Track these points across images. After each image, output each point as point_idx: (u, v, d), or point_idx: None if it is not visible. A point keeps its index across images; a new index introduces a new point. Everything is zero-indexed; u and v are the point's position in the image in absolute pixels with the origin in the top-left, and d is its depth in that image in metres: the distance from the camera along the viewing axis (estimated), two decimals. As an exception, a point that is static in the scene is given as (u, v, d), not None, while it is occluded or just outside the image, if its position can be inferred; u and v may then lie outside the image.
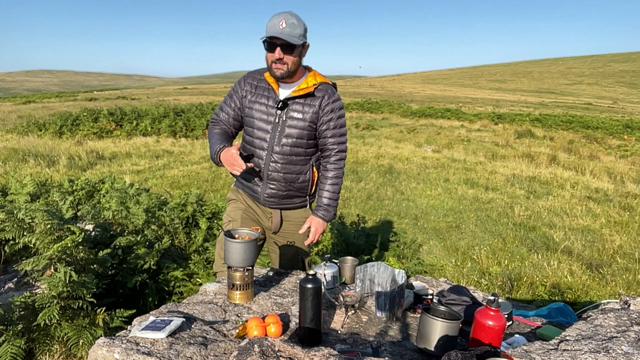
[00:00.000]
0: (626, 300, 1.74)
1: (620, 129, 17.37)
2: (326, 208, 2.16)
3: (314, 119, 2.06)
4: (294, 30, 1.90)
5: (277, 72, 1.98)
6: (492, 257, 4.59)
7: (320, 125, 2.09)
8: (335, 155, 2.15)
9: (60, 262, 2.42)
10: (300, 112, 2.05)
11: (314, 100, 2.05)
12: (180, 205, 3.94)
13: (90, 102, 26.19)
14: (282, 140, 2.05)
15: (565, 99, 53.30)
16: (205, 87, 64.38)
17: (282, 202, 2.18)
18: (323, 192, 2.17)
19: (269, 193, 2.13)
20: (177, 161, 9.30)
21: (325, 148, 2.15)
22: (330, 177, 2.16)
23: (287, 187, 2.13)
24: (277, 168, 2.08)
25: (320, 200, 2.17)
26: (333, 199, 2.17)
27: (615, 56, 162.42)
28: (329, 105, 2.07)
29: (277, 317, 1.58)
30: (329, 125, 2.09)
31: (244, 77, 2.15)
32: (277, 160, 2.07)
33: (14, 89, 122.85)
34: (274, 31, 1.88)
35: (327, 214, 2.16)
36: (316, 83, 2.05)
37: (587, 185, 8.09)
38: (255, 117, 2.08)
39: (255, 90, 2.10)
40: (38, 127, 13.07)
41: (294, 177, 2.12)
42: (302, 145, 2.09)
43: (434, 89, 65.23)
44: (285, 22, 1.88)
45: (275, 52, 1.93)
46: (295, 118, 2.04)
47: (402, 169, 9.02)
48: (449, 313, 1.55)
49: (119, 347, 1.35)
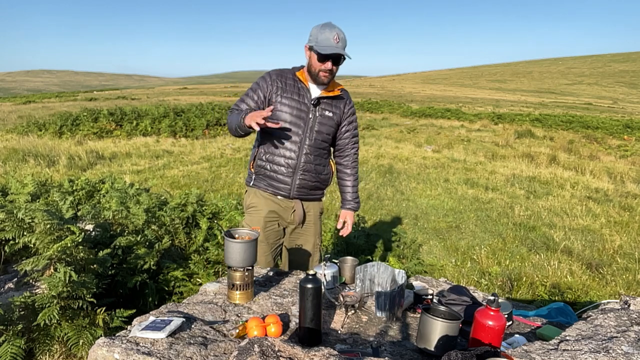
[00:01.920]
0: (626, 300, 1.74)
1: (620, 129, 17.37)
2: (354, 200, 2.46)
3: (339, 119, 2.31)
4: (344, 44, 2.10)
5: (324, 79, 2.17)
6: (492, 257, 4.59)
7: (342, 127, 2.34)
8: (355, 154, 2.43)
9: (60, 262, 2.42)
10: (331, 111, 2.26)
11: (339, 103, 2.29)
12: (181, 205, 3.94)
13: (90, 102, 26.19)
14: (314, 135, 2.23)
15: (565, 99, 53.31)
16: (205, 87, 64.38)
17: (309, 193, 2.35)
18: (347, 188, 2.45)
19: (299, 184, 2.27)
20: (177, 161, 9.30)
21: (345, 148, 2.40)
22: (351, 173, 2.44)
23: (316, 177, 2.31)
24: (309, 159, 2.25)
25: (347, 195, 2.46)
26: (356, 192, 2.48)
27: (615, 56, 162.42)
28: (351, 109, 2.35)
29: (277, 317, 1.58)
30: (350, 127, 2.36)
31: (271, 75, 2.24)
32: (310, 153, 2.24)
33: (14, 89, 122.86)
34: (330, 45, 2.05)
35: (356, 205, 2.48)
36: (339, 87, 2.27)
37: (587, 185, 8.09)
38: (287, 112, 2.19)
39: (286, 87, 2.22)
40: (38, 127, 13.07)
41: (321, 169, 2.32)
42: (327, 140, 2.31)
43: (434, 89, 65.22)
44: (338, 37, 2.06)
45: (328, 64, 2.12)
46: (327, 116, 2.25)
47: (402, 169, 9.02)
48: (449, 313, 1.55)
49: (119, 347, 1.35)
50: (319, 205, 2.45)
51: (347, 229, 2.46)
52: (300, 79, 2.21)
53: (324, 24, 2.11)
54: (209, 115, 14.93)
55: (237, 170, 8.41)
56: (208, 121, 14.21)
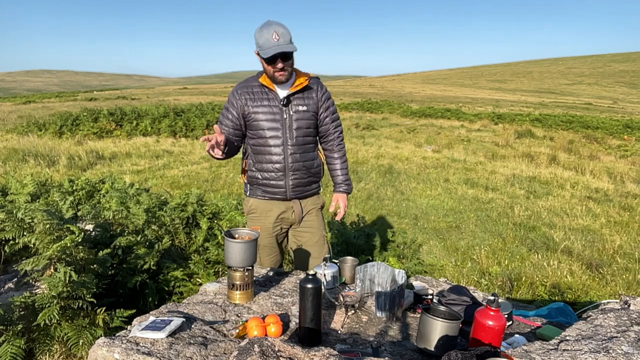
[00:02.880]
0: (626, 300, 1.74)
1: (620, 129, 17.36)
2: (346, 183, 2.48)
3: (315, 108, 2.31)
4: (286, 38, 2.05)
5: (282, 78, 2.15)
6: (492, 257, 4.59)
7: (320, 114, 2.34)
8: (338, 137, 2.44)
9: (60, 262, 2.42)
10: (304, 104, 2.26)
11: (311, 93, 2.29)
12: (181, 205, 3.94)
13: (90, 102, 26.19)
14: (294, 133, 2.25)
15: (565, 99, 53.31)
16: (205, 87, 64.38)
17: (305, 190, 2.37)
18: (337, 171, 2.47)
19: (293, 183, 2.31)
20: (177, 161, 9.29)
21: (328, 133, 2.41)
22: (339, 156, 2.46)
23: (308, 173, 2.34)
24: (297, 158, 2.27)
25: (337, 178, 2.48)
26: (347, 174, 2.49)
27: (615, 56, 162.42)
28: (324, 94, 2.34)
29: (277, 317, 1.58)
30: (328, 112, 2.36)
31: (237, 89, 2.27)
32: (295, 152, 2.26)
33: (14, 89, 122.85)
34: (271, 45, 2.02)
35: (348, 188, 2.49)
36: (307, 77, 2.25)
37: (587, 185, 8.08)
38: (262, 119, 2.22)
39: (254, 96, 2.23)
40: (38, 127, 13.06)
41: (311, 164, 2.34)
42: (310, 134, 2.32)
43: (434, 89, 65.23)
44: (277, 33, 2.02)
45: (277, 64, 2.09)
46: (301, 111, 2.25)
47: (402, 169, 9.02)
48: (449, 313, 1.55)
49: (119, 347, 1.35)
50: (318, 199, 2.47)
51: (341, 212, 2.47)
52: (264, 83, 2.21)
53: (262, 25, 2.08)
54: (209, 115, 14.92)
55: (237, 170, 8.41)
56: (208, 121, 14.20)
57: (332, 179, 2.52)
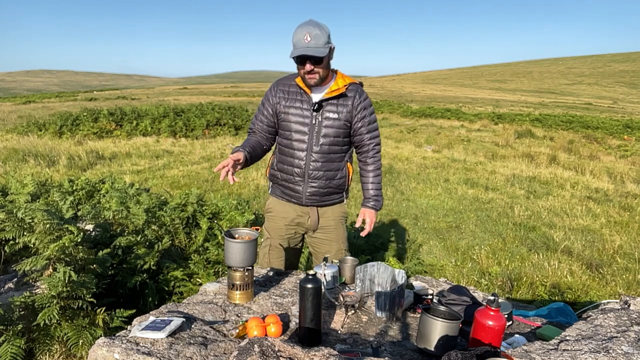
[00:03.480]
0: (626, 300, 1.74)
1: (620, 129, 17.36)
2: (375, 198, 2.33)
3: (349, 117, 2.19)
4: (319, 40, 1.97)
5: (311, 81, 2.08)
6: (492, 257, 4.59)
7: (355, 123, 2.22)
8: (373, 149, 2.31)
9: (60, 262, 2.42)
10: (335, 112, 2.16)
11: (347, 100, 2.18)
12: (181, 205, 3.94)
13: (90, 102, 26.19)
14: (320, 140, 2.17)
15: (565, 99, 53.31)
16: (205, 87, 64.37)
17: (322, 200, 2.29)
18: (369, 185, 2.34)
19: (310, 192, 2.23)
20: (177, 161, 9.29)
21: (362, 144, 2.29)
22: (372, 169, 2.33)
23: (327, 184, 2.24)
24: (317, 167, 2.20)
25: (368, 192, 2.34)
26: (379, 189, 2.34)
27: (615, 56, 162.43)
28: (362, 103, 2.20)
29: (277, 317, 1.58)
30: (364, 122, 2.23)
31: (275, 85, 2.23)
32: (317, 160, 2.19)
33: (14, 89, 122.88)
34: (300, 46, 1.97)
35: (377, 204, 2.33)
36: (346, 84, 2.15)
37: (587, 185, 8.08)
38: (291, 121, 2.17)
39: (289, 95, 2.19)
40: (38, 127, 13.06)
41: (333, 174, 2.24)
42: (338, 143, 2.21)
43: (434, 89, 65.22)
44: (309, 35, 1.96)
45: (306, 66, 2.03)
46: (331, 118, 2.16)
47: (402, 169, 9.02)
48: (449, 313, 1.55)
49: (119, 347, 1.35)
50: (340, 209, 2.37)
51: (367, 229, 2.33)
52: (300, 85, 2.16)
53: (301, 23, 2.02)
54: (209, 115, 14.92)
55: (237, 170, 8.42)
56: (208, 121, 14.20)
57: (363, 192, 2.39)
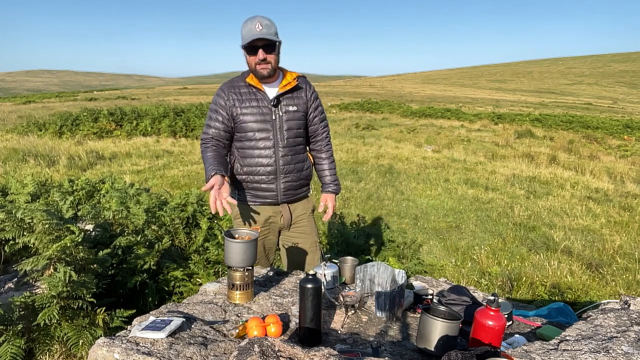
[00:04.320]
0: (626, 300, 1.74)
1: (620, 129, 17.36)
2: (335, 183, 2.42)
3: (305, 108, 2.26)
4: (270, 29, 2.01)
5: (263, 71, 2.08)
6: (492, 257, 4.59)
7: (310, 114, 2.30)
8: (326, 137, 2.40)
9: (60, 262, 2.42)
10: (294, 104, 2.21)
11: (300, 92, 2.23)
12: (181, 205, 3.94)
13: (90, 102, 26.19)
14: (285, 134, 2.18)
15: (565, 99, 53.31)
16: (205, 87, 64.37)
17: (296, 193, 2.31)
18: (325, 171, 2.42)
19: (285, 187, 2.24)
20: (177, 161, 9.29)
21: (316, 133, 2.36)
22: (327, 156, 2.41)
23: (299, 177, 2.28)
24: (288, 161, 2.21)
25: (326, 178, 2.42)
26: (335, 174, 2.44)
27: (615, 56, 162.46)
28: (313, 94, 2.30)
29: (277, 317, 1.58)
30: (317, 112, 2.32)
31: (223, 90, 2.17)
32: (286, 154, 2.20)
33: (14, 89, 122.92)
34: (253, 34, 1.98)
35: (337, 188, 2.43)
36: (294, 76, 2.19)
37: (587, 185, 8.08)
38: (251, 121, 2.14)
39: (242, 97, 2.15)
40: (38, 127, 13.06)
41: (301, 166, 2.28)
42: (301, 135, 2.26)
43: (434, 89, 65.23)
44: (260, 24, 1.99)
45: (259, 53, 2.03)
46: (291, 111, 2.19)
47: (402, 169, 9.02)
48: (449, 313, 1.55)
49: (119, 347, 1.35)
50: (308, 203, 2.40)
51: (329, 213, 2.40)
52: (252, 83, 2.13)
53: (247, 19, 2.04)
54: (209, 115, 14.92)
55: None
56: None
57: (320, 179, 2.45)
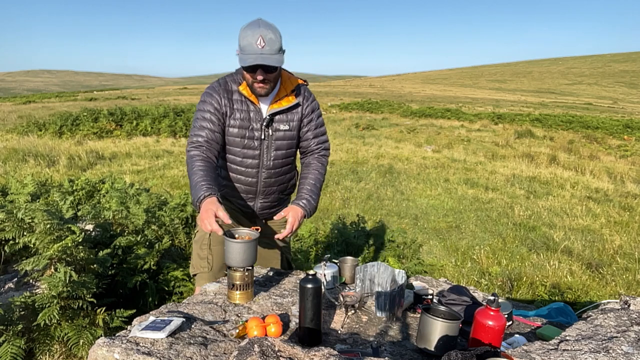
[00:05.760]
0: (626, 300, 1.74)
1: (620, 129, 17.36)
2: (307, 198, 1.97)
3: (299, 125, 2.01)
4: (274, 46, 1.73)
5: (261, 91, 1.84)
6: (492, 257, 4.59)
7: (302, 128, 2.03)
8: (319, 154, 2.11)
9: (60, 262, 2.42)
10: (286, 122, 1.96)
11: (297, 107, 1.98)
12: (181, 205, 3.94)
13: (90, 102, 26.20)
14: (272, 155, 1.98)
15: (565, 99, 53.32)
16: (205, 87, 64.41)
17: (272, 212, 2.17)
18: (304, 184, 2.02)
19: (262, 206, 2.12)
20: (177, 161, 9.29)
21: (308, 150, 2.09)
22: (312, 170, 2.06)
23: (279, 197, 2.14)
24: (270, 183, 2.04)
25: (301, 190, 2.01)
26: (314, 191, 2.00)
27: (615, 56, 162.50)
28: (309, 107, 2.02)
29: (277, 317, 1.58)
30: (310, 127, 2.04)
31: (217, 91, 1.91)
32: (269, 176, 2.02)
33: (14, 89, 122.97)
34: (253, 52, 1.71)
35: (307, 204, 1.96)
36: (293, 87, 1.95)
37: (587, 185, 8.08)
38: (237, 136, 1.93)
39: (233, 105, 1.91)
40: (38, 127, 13.06)
41: (285, 186, 2.14)
42: (290, 154, 2.06)
43: (434, 89, 65.24)
44: (263, 39, 1.70)
45: (257, 73, 1.77)
46: (282, 130, 1.96)
47: (402, 169, 9.02)
48: (449, 313, 1.55)
49: (119, 347, 1.35)
50: None
51: (286, 231, 1.89)
52: (246, 94, 1.88)
53: (249, 24, 1.74)
54: (209, 115, 14.92)
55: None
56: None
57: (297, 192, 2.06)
